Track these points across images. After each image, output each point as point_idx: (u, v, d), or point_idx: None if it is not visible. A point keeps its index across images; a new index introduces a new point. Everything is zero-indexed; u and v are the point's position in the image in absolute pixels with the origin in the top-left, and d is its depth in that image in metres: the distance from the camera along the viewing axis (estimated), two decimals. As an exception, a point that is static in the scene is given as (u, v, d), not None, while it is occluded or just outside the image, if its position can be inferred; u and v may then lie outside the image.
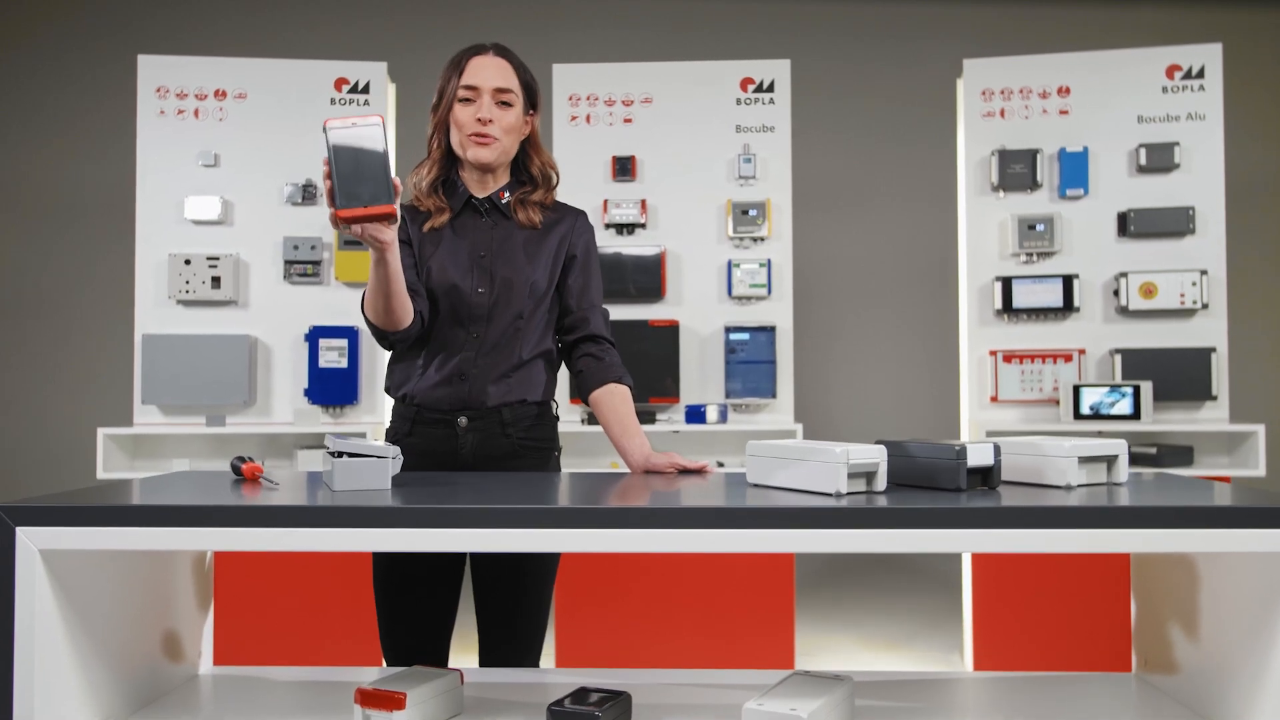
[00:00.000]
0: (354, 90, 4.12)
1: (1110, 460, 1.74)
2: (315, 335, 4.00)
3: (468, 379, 2.10)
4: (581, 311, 2.21)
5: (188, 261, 3.98)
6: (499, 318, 2.11)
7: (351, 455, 1.69)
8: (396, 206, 1.65)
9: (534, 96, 2.21)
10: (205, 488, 1.78)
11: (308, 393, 4.00)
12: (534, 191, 2.21)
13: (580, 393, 2.23)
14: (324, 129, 1.63)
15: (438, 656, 2.15)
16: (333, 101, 4.10)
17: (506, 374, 2.11)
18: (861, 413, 6.15)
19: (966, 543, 1.46)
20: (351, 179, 1.62)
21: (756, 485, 1.73)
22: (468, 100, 2.12)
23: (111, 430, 3.77)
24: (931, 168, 5.49)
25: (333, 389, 3.99)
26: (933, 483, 1.66)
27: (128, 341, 4.07)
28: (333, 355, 3.99)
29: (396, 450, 1.73)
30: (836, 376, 6.11)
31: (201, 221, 4.02)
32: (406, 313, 2.01)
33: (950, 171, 4.41)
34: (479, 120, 2.10)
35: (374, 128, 1.64)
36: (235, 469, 1.89)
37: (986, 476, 1.67)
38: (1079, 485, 1.69)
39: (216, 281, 3.99)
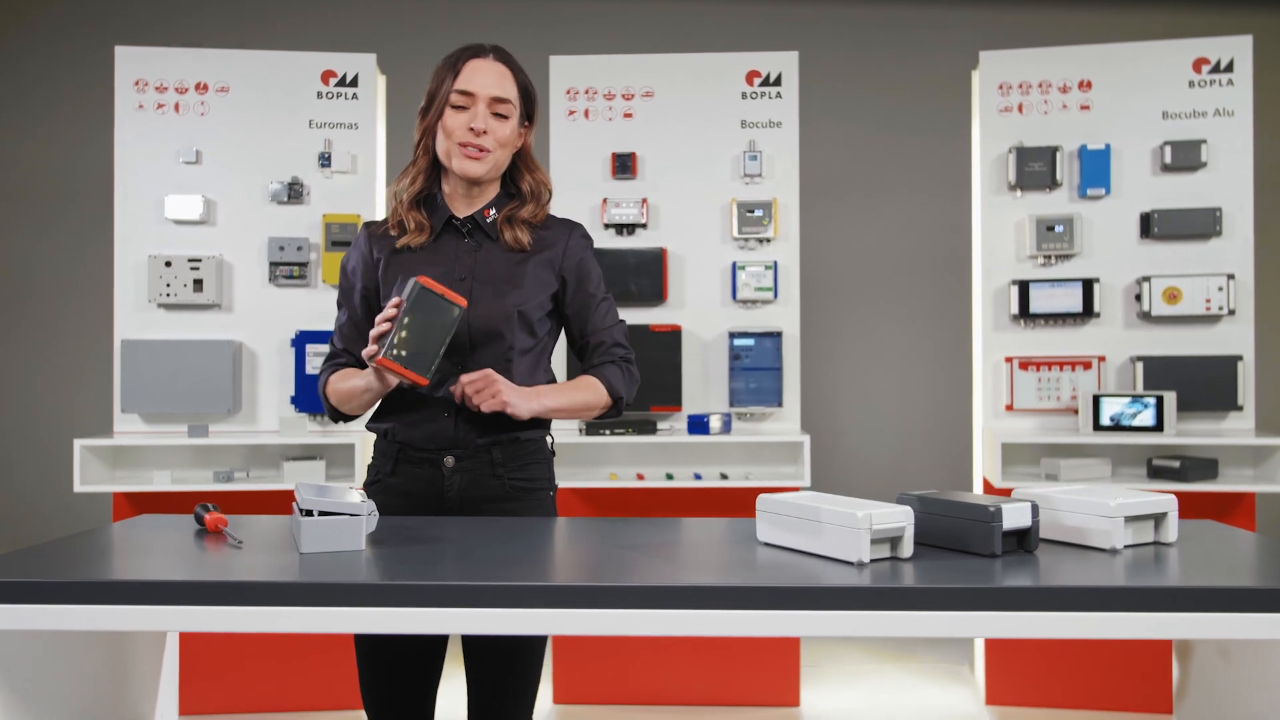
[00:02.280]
0: (342, 83, 3.94)
1: (1159, 518, 1.58)
2: (302, 340, 3.84)
3: (454, 415, 1.93)
4: (585, 339, 2.05)
5: (168, 263, 3.81)
6: (486, 348, 1.94)
7: (322, 513, 1.53)
8: (429, 380, 1.77)
9: (532, 106, 2.04)
10: (163, 545, 1.62)
11: (294, 400, 3.84)
12: (522, 207, 2.04)
13: None
14: (415, 281, 1.75)
15: (423, 709, 2.00)
16: (319, 95, 3.92)
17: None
18: (871, 421, 5.97)
19: (1001, 627, 1.31)
20: (409, 339, 1.73)
21: (767, 545, 1.58)
22: (461, 107, 1.95)
23: (89, 441, 3.61)
24: (945, 165, 5.29)
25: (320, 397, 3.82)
26: (964, 545, 1.50)
27: (108, 346, 3.91)
28: (319, 361, 3.82)
29: (371, 506, 1.57)
30: (844, 382, 5.93)
31: (183, 221, 3.85)
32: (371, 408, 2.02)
33: (964, 169, 4.23)
34: (471, 130, 1.93)
35: (456, 311, 1.76)
36: (199, 518, 1.73)
37: (1023, 539, 1.51)
38: (1125, 547, 1.53)
39: (199, 284, 3.82)
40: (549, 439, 2.05)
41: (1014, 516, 1.49)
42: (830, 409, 5.80)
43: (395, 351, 1.73)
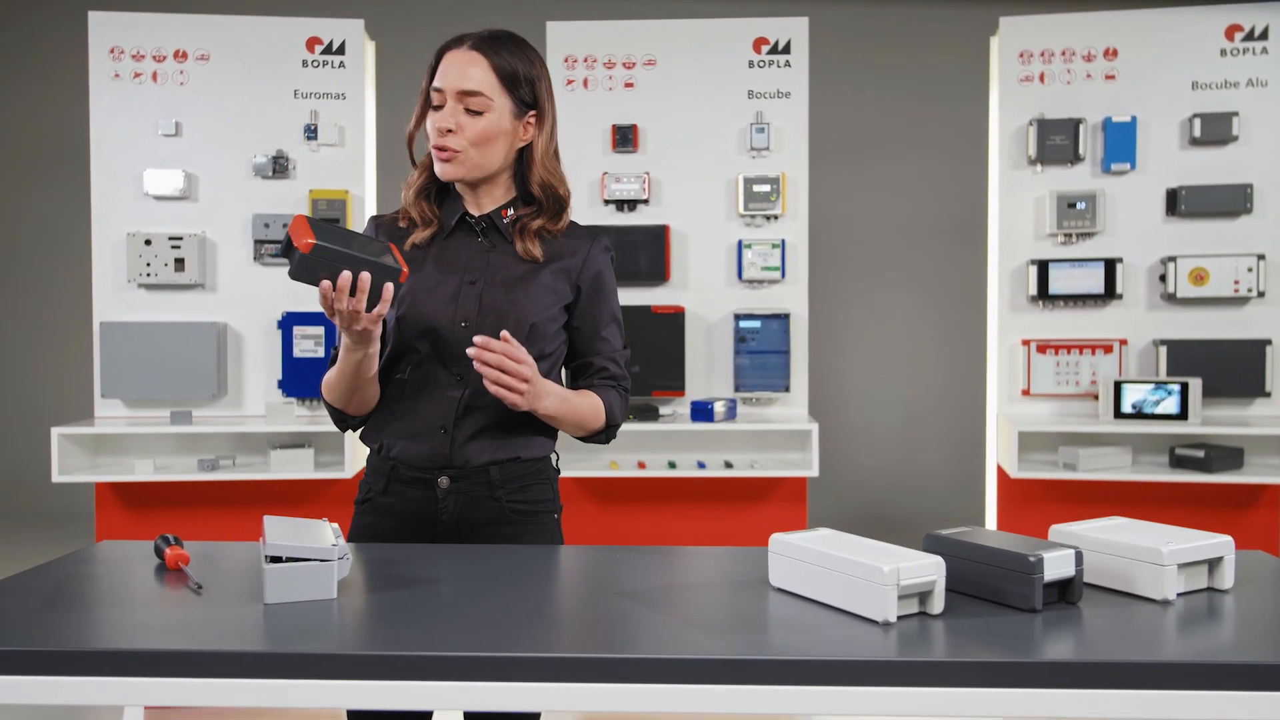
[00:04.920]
0: (328, 51, 3.75)
1: (1214, 563, 1.43)
2: (289, 322, 3.68)
3: (450, 432, 1.77)
4: (588, 358, 1.88)
5: (148, 241, 3.65)
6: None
7: (290, 560, 1.38)
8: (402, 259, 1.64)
9: (529, 95, 1.79)
10: (118, 591, 1.48)
11: (281, 384, 3.70)
12: (536, 216, 1.84)
13: None
14: (303, 256, 1.52)
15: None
16: (305, 64, 3.73)
17: (496, 426, 1.79)
18: (881, 404, 5.81)
19: (1044, 706, 1.16)
20: (367, 248, 1.59)
21: (780, 590, 1.43)
22: (437, 106, 1.77)
23: (67, 430, 3.47)
24: (961, 138, 5.09)
25: (309, 380, 3.68)
26: (1001, 597, 1.35)
27: (87, 329, 3.75)
28: (308, 344, 3.68)
29: (345, 549, 1.42)
30: (853, 365, 5.76)
31: (163, 197, 3.69)
32: (375, 395, 1.80)
33: (982, 142, 4.05)
34: (438, 130, 1.75)
35: (321, 223, 1.57)
36: (159, 551, 1.59)
37: (1065, 590, 1.36)
38: (1177, 595, 1.39)
39: (180, 263, 3.66)
40: (554, 456, 1.89)
41: (1056, 566, 1.34)
42: (839, 392, 5.65)
43: (389, 254, 1.60)
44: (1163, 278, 3.62)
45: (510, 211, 1.83)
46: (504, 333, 1.65)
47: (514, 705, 1.16)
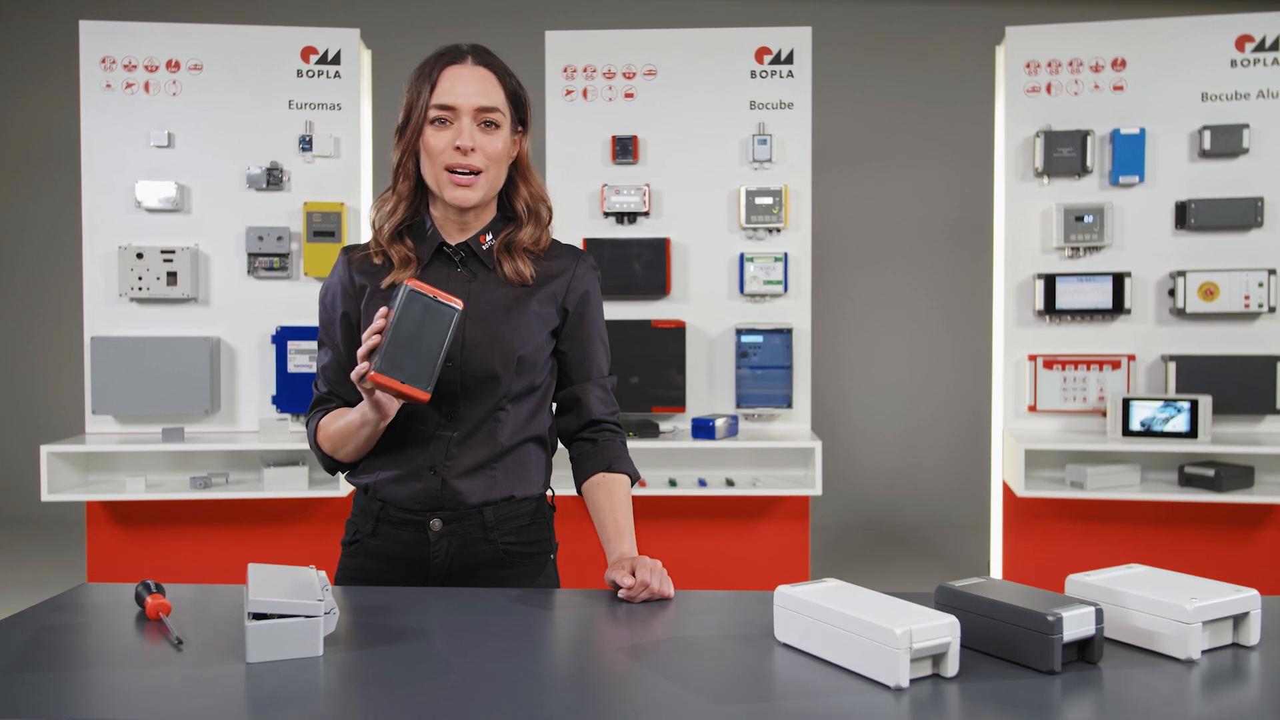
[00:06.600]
0: (323, 60, 3.69)
1: (1238, 618, 1.37)
2: (283, 336, 3.62)
3: (440, 472, 1.71)
4: (576, 387, 1.81)
5: (140, 255, 3.59)
6: (478, 396, 1.70)
7: (274, 616, 1.32)
8: (430, 394, 1.51)
9: (523, 110, 1.75)
10: (94, 647, 1.42)
11: (276, 400, 3.64)
12: (520, 231, 1.77)
13: (575, 485, 1.86)
14: (403, 286, 1.50)
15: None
16: (299, 74, 3.67)
17: (489, 465, 1.72)
18: (884, 420, 5.76)
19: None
20: (403, 349, 1.50)
21: (786, 646, 1.37)
22: (442, 122, 1.68)
23: (56, 448, 3.41)
24: (966, 150, 5.03)
25: (303, 396, 3.62)
26: (1017, 657, 1.29)
27: (78, 343, 3.69)
28: (303, 359, 3.62)
29: (332, 603, 1.36)
30: (856, 380, 5.70)
31: (155, 209, 3.63)
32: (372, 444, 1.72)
33: (987, 154, 3.98)
34: (458, 149, 1.67)
35: (452, 313, 1.52)
36: (139, 598, 1.53)
37: (1085, 649, 1.31)
38: (1202, 653, 1.33)
39: (173, 277, 3.60)
40: (549, 493, 1.83)
41: (1075, 625, 1.28)
42: (843, 406, 5.59)
43: (389, 364, 1.48)
44: (1172, 292, 3.57)
45: (489, 237, 1.75)
46: (631, 571, 1.61)
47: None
